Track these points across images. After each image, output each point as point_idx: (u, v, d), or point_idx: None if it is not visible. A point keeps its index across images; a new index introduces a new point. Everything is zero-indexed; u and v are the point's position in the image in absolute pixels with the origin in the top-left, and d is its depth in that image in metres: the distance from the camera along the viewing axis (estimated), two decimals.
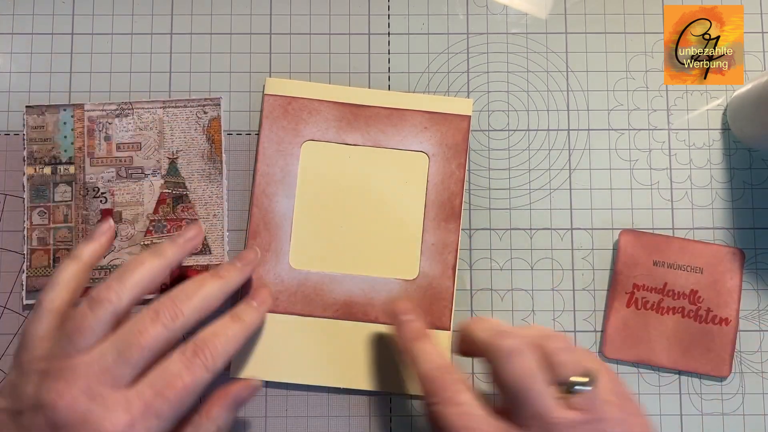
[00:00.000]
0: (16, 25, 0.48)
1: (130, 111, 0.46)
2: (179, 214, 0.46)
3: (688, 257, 0.45)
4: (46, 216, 0.45)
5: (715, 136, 0.47)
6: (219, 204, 0.46)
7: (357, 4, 0.48)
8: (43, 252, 0.45)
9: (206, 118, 0.46)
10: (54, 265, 0.45)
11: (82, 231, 0.45)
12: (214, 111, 0.46)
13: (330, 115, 0.46)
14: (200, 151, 0.46)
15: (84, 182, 0.45)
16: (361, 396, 0.45)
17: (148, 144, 0.46)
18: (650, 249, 0.45)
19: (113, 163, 0.46)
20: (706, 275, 0.45)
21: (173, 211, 0.46)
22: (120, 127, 0.46)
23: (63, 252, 0.45)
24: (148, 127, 0.46)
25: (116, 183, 0.46)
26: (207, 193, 0.46)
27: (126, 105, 0.46)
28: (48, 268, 0.45)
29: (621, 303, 0.45)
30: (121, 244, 0.45)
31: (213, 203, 0.46)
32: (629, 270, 0.45)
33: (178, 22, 0.48)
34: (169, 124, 0.46)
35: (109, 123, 0.46)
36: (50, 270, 0.45)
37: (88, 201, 0.45)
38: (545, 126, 0.47)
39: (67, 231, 0.45)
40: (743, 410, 0.45)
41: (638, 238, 0.45)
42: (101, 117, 0.46)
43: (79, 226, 0.45)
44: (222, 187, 0.46)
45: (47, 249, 0.45)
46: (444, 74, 0.48)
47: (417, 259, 0.46)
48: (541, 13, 0.48)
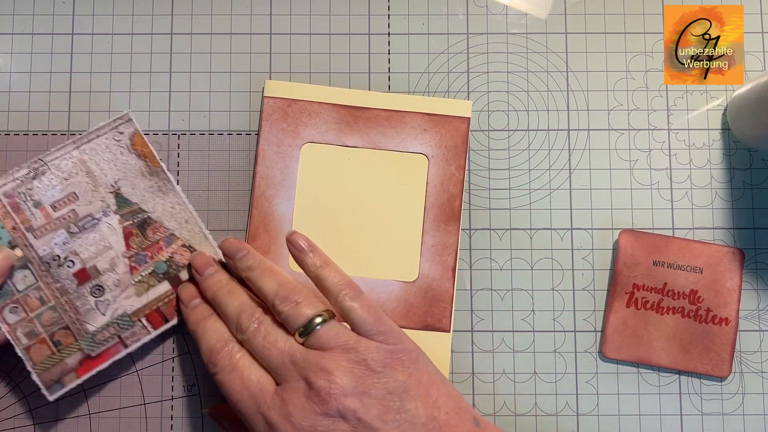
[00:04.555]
0: (16, 25, 0.48)
1: (45, 167, 0.42)
2: (153, 238, 0.43)
3: (688, 257, 0.45)
4: (20, 310, 0.41)
5: (715, 136, 0.47)
6: (184, 209, 0.44)
7: (357, 4, 0.48)
8: (39, 344, 0.41)
9: (125, 137, 0.43)
10: (57, 348, 0.42)
11: (67, 303, 0.42)
12: (129, 127, 0.44)
13: (329, 118, 0.46)
14: (138, 170, 0.43)
15: (40, 258, 0.42)
16: None
17: (83, 189, 0.43)
18: (650, 249, 0.45)
19: (58, 225, 0.42)
20: (706, 275, 0.45)
21: (145, 238, 0.43)
22: (43, 187, 0.42)
23: (60, 333, 0.42)
24: (73, 174, 0.43)
25: (73, 242, 0.42)
26: (167, 206, 0.44)
27: (36, 163, 0.42)
28: (53, 356, 0.41)
29: (621, 303, 0.45)
30: (113, 295, 0.43)
31: (177, 212, 0.44)
32: (629, 270, 0.45)
33: (178, 22, 0.48)
34: (92, 161, 0.43)
35: (29, 189, 0.42)
36: (57, 357, 0.41)
37: (56, 272, 0.42)
38: (545, 126, 0.47)
39: (51, 311, 0.42)
40: (743, 410, 0.45)
41: (638, 238, 0.45)
42: (17, 187, 0.42)
43: (61, 299, 0.42)
44: (178, 193, 0.44)
45: (42, 339, 0.42)
46: (444, 74, 0.48)
47: (417, 260, 0.46)
48: (541, 13, 0.48)
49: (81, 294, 0.42)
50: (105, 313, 0.42)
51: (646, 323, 0.45)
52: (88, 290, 0.42)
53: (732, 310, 0.45)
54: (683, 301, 0.45)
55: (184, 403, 0.45)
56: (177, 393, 0.45)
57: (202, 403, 0.45)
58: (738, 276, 0.45)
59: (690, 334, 0.45)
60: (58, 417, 0.45)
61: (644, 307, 0.45)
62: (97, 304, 0.42)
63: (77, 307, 0.42)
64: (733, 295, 0.45)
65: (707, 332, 0.45)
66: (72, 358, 0.42)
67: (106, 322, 0.42)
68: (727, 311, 0.45)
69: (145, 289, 0.43)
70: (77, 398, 0.45)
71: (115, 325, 0.42)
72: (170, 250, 0.44)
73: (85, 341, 0.42)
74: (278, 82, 0.47)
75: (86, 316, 0.42)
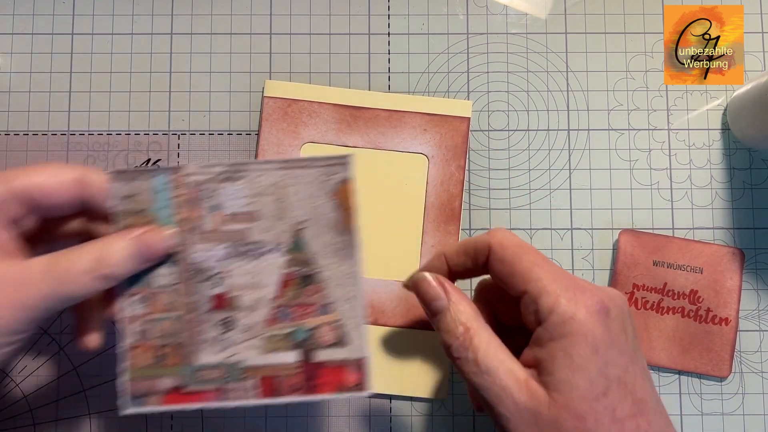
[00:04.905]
0: (16, 25, 0.48)
1: (242, 174, 0.37)
2: (308, 299, 0.37)
3: (688, 257, 0.45)
4: (147, 305, 0.37)
5: (715, 136, 0.47)
6: (353, 286, 0.37)
7: (357, 4, 0.48)
8: (146, 349, 0.36)
9: (333, 181, 0.37)
10: (159, 363, 0.36)
11: (191, 322, 0.37)
12: (343, 172, 0.37)
13: (329, 118, 0.46)
14: (328, 220, 0.37)
15: (190, 263, 0.37)
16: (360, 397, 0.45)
17: (267, 213, 0.37)
18: (650, 249, 0.45)
19: (225, 237, 0.37)
20: (706, 275, 0.45)
21: (301, 295, 0.37)
22: (230, 193, 0.37)
23: (169, 349, 0.36)
24: (265, 193, 0.37)
25: (229, 262, 0.37)
26: (339, 273, 0.37)
27: (235, 167, 0.37)
28: (151, 368, 0.36)
29: None
30: (239, 337, 0.37)
31: (346, 285, 0.37)
32: (629, 270, 0.45)
33: (178, 22, 0.48)
34: (291, 189, 0.37)
35: (215, 190, 0.37)
36: (154, 372, 0.36)
37: (196, 285, 0.37)
38: (545, 126, 0.47)
39: (173, 322, 0.37)
40: (743, 410, 0.45)
41: (638, 238, 0.45)
42: (206, 182, 0.37)
43: (186, 315, 0.37)
44: (356, 265, 0.37)
45: (151, 346, 0.36)
46: (444, 74, 0.48)
47: (417, 260, 0.46)
48: (541, 13, 0.48)
49: (208, 320, 0.37)
50: (220, 353, 0.37)
51: (646, 323, 0.45)
52: (217, 320, 0.37)
53: (732, 310, 0.45)
54: (683, 301, 0.45)
55: None
56: None
57: None
58: (738, 276, 0.45)
59: (690, 334, 0.45)
60: (58, 417, 0.45)
61: (644, 307, 0.45)
62: (217, 339, 0.37)
63: (198, 331, 0.37)
64: (733, 295, 0.45)
65: (707, 332, 0.45)
66: (165, 381, 0.36)
67: (217, 362, 0.37)
68: (727, 311, 0.45)
69: (273, 350, 0.37)
70: (78, 398, 0.45)
71: (224, 369, 0.37)
72: (318, 321, 0.37)
73: (187, 371, 0.37)
74: (278, 82, 0.47)
75: (200, 346, 0.37)
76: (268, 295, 0.37)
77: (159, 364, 0.37)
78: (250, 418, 0.45)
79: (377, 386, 0.45)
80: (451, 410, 0.45)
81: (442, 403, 0.45)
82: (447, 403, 0.45)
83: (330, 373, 0.37)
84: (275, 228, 0.37)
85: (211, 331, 0.37)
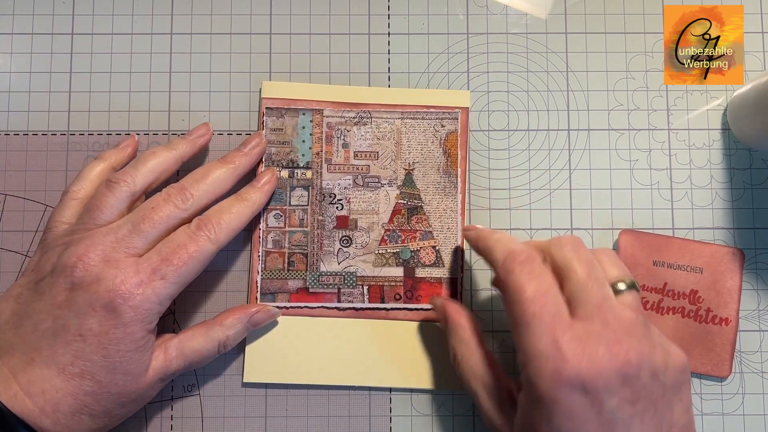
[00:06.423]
0: (16, 25, 0.48)
1: (369, 119, 0.46)
2: (413, 225, 0.45)
3: (688, 257, 0.45)
4: (282, 219, 0.45)
5: (715, 136, 0.47)
6: (453, 218, 0.46)
7: (357, 4, 0.48)
8: (278, 255, 0.45)
9: (444, 131, 0.46)
10: (288, 269, 0.45)
11: (318, 236, 0.45)
12: (452, 125, 0.46)
13: None
14: (436, 164, 0.46)
15: (321, 188, 0.46)
16: (361, 396, 0.45)
17: (385, 154, 0.46)
18: (650, 249, 0.45)
19: (350, 170, 0.46)
20: (706, 275, 0.45)
21: (408, 222, 0.45)
22: (358, 135, 0.46)
23: (297, 256, 0.45)
24: (386, 137, 0.46)
25: (352, 191, 0.46)
26: (441, 206, 0.46)
27: (365, 113, 0.46)
28: (283, 270, 0.45)
29: None
30: (355, 252, 0.45)
31: (447, 216, 0.46)
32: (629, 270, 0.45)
33: (178, 22, 0.48)
34: (406, 135, 0.46)
35: (347, 130, 0.46)
36: (285, 273, 0.45)
37: (324, 207, 0.45)
38: (545, 126, 0.47)
39: (302, 235, 0.45)
40: (743, 410, 0.45)
41: (638, 238, 0.45)
42: (340, 124, 0.46)
43: (315, 231, 0.45)
44: (457, 202, 0.46)
45: (282, 252, 0.45)
46: (444, 74, 0.48)
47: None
48: (541, 13, 0.48)
49: (332, 236, 0.45)
50: (340, 263, 0.45)
51: None
52: (339, 236, 0.45)
53: (732, 310, 0.45)
54: (683, 301, 0.45)
55: (184, 404, 0.45)
56: (177, 393, 0.45)
57: (202, 404, 0.45)
58: (738, 276, 0.45)
59: (690, 334, 0.45)
60: None
61: (644, 308, 0.45)
62: (339, 252, 0.45)
63: (323, 244, 0.45)
64: (733, 295, 0.45)
65: (707, 332, 0.45)
66: (293, 282, 0.45)
67: (337, 271, 0.45)
68: (727, 311, 0.45)
69: (382, 264, 0.45)
70: None
71: (342, 277, 0.45)
72: (421, 244, 0.46)
73: (311, 276, 0.45)
74: (275, 82, 0.47)
75: (324, 257, 0.45)
76: (381, 220, 0.46)
77: (288, 269, 0.45)
78: (251, 418, 0.45)
79: (378, 380, 0.45)
80: (451, 410, 0.45)
81: (443, 403, 0.45)
82: (447, 403, 0.45)
83: (427, 287, 0.45)
84: (391, 166, 0.46)
85: (334, 245, 0.45)
